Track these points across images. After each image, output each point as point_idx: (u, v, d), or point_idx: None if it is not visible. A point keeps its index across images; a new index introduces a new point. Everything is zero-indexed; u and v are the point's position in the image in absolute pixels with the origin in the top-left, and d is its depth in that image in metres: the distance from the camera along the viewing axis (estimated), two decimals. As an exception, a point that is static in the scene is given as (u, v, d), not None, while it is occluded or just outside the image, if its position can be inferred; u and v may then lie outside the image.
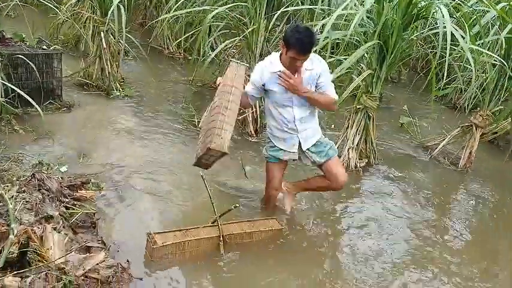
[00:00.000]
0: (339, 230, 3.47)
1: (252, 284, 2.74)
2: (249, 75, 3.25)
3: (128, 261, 2.59)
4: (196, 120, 4.63)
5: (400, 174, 4.49)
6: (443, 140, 5.05)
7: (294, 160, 3.32)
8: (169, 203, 3.34)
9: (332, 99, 3.09)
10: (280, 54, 2.94)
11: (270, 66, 2.97)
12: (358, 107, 4.35)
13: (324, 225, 3.47)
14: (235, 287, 2.71)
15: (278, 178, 3.30)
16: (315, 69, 2.98)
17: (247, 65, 2.81)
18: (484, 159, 5.17)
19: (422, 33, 4.55)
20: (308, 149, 3.17)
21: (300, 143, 3.15)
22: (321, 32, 3.81)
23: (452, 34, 3.64)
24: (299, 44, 2.77)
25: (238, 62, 2.78)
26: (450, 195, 4.40)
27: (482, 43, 4.38)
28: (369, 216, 3.68)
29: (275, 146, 3.20)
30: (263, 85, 3.02)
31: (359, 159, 4.41)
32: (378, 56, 4.13)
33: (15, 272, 1.92)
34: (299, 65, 2.86)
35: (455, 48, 4.49)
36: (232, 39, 4.77)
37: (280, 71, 2.90)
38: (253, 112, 4.60)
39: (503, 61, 4.32)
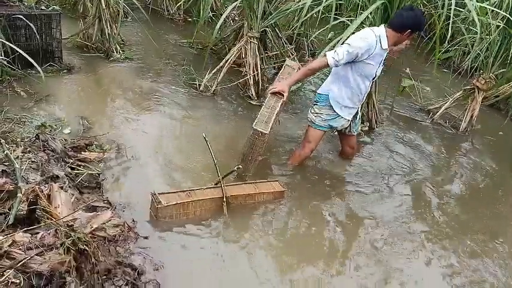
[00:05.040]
0: (340, 192, 3.51)
1: (254, 245, 2.80)
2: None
3: (133, 220, 2.66)
4: (197, 82, 4.60)
5: (401, 138, 4.51)
6: (445, 103, 5.04)
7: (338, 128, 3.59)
8: (172, 165, 3.36)
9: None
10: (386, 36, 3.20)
11: (382, 41, 3.19)
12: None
13: (326, 187, 3.51)
14: (238, 247, 2.76)
15: (318, 143, 3.59)
16: None
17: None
18: (485, 122, 5.17)
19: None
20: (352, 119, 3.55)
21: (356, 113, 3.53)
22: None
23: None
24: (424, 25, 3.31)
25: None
26: (450, 158, 4.43)
27: (487, 4, 4.29)
28: (369, 179, 3.72)
29: (336, 114, 3.39)
30: (366, 57, 3.16)
31: (361, 123, 4.39)
32: (382, 16, 4.06)
33: (25, 229, 1.97)
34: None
35: (459, 9, 4.40)
36: (235, 2, 4.66)
37: (387, 49, 3.26)
38: (254, 75, 4.56)
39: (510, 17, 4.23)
